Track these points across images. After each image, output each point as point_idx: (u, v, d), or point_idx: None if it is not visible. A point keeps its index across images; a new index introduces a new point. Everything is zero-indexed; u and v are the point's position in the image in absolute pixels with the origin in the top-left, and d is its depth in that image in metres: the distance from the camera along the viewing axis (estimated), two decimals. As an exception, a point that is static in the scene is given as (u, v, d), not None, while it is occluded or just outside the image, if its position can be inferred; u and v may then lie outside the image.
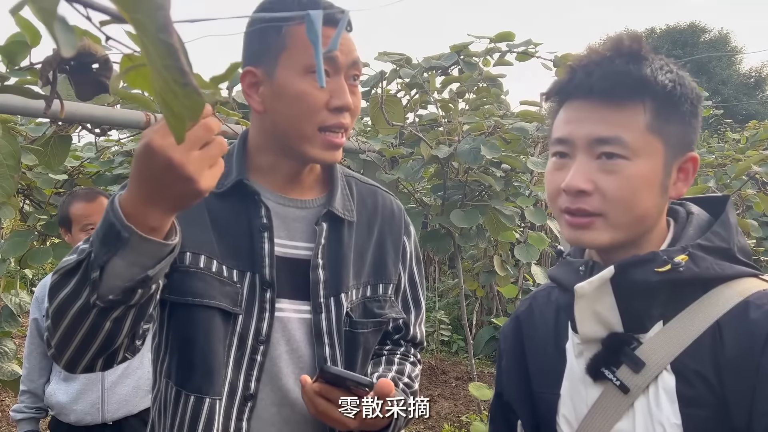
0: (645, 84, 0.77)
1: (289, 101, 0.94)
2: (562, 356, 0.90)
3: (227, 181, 0.99)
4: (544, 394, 0.91)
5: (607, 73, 0.78)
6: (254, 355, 0.96)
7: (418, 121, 2.85)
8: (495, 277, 3.27)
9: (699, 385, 0.76)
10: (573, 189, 0.79)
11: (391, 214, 1.14)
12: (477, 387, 2.45)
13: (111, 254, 0.75)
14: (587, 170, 0.78)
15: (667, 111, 0.78)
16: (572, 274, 0.85)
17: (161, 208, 0.74)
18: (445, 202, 2.74)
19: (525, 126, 2.49)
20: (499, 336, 1.06)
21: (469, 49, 2.95)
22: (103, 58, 1.02)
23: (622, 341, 0.81)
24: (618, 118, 0.78)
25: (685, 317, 0.78)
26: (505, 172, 2.84)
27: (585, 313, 0.81)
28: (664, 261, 0.77)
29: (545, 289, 1.00)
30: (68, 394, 2.04)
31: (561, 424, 0.88)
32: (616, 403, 0.80)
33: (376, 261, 1.09)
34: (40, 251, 2.66)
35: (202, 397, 0.95)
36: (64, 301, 0.79)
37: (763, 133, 5.17)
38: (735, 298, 0.77)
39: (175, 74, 0.48)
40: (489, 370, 5.71)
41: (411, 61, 2.90)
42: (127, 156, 2.75)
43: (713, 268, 0.78)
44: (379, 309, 1.07)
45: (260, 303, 0.97)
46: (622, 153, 0.77)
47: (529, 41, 3.05)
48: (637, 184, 0.77)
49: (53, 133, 1.91)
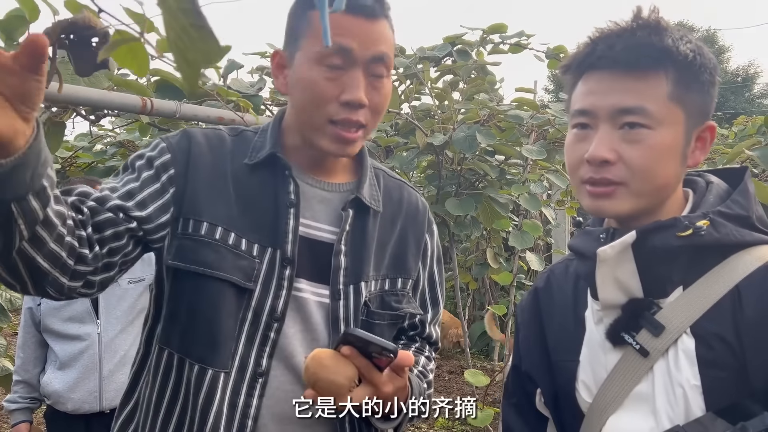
0: (667, 54, 0.79)
1: (302, 88, 0.93)
2: (581, 324, 0.91)
3: (261, 153, 0.98)
4: (564, 362, 0.92)
5: (630, 45, 0.79)
6: (268, 332, 0.95)
7: (412, 111, 2.86)
8: (488, 270, 3.29)
9: (719, 347, 0.77)
10: (597, 159, 0.79)
11: (415, 210, 1.12)
12: (473, 374, 2.47)
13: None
14: (610, 140, 0.79)
15: (687, 80, 0.80)
16: (593, 242, 0.86)
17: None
18: (440, 192, 2.75)
19: (520, 113, 2.50)
20: (516, 310, 1.07)
21: (463, 39, 2.96)
22: (102, 32, 1.01)
23: (642, 306, 0.82)
24: (641, 88, 0.79)
25: (705, 282, 0.80)
26: (500, 162, 2.85)
27: (606, 278, 0.82)
28: (685, 226, 0.78)
29: (563, 262, 1.01)
30: (65, 383, 2.03)
31: (580, 389, 0.88)
32: (635, 366, 0.81)
33: (396, 255, 1.07)
34: (32, 243, 2.64)
35: (206, 368, 0.93)
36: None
37: (751, 128, 5.23)
38: (755, 263, 0.78)
39: (192, 17, 0.48)
40: (482, 363, 5.73)
41: (405, 52, 2.91)
42: (120, 147, 2.74)
43: (733, 234, 0.79)
44: (396, 303, 1.05)
45: (278, 279, 0.95)
46: (645, 122, 0.78)
47: (522, 33, 3.07)
48: (659, 153, 0.79)
49: (47, 120, 1.89)
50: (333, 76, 0.91)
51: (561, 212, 3.94)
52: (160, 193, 0.94)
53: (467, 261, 3.78)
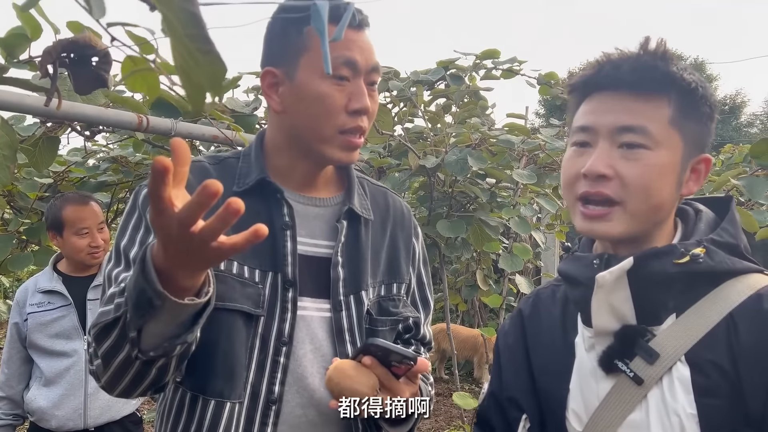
0: (671, 79, 0.80)
1: (309, 102, 0.94)
2: (571, 351, 0.90)
3: (248, 179, 0.99)
4: (553, 390, 0.90)
5: (636, 67, 0.81)
6: (277, 357, 0.94)
7: (405, 134, 2.89)
8: (478, 291, 3.30)
9: (714, 375, 0.76)
10: (594, 172, 0.80)
11: (402, 215, 1.14)
12: (461, 396, 2.46)
13: (145, 319, 0.74)
14: (609, 156, 0.80)
15: (688, 108, 0.81)
16: (585, 268, 0.85)
17: (190, 269, 0.73)
18: (431, 213, 2.77)
19: (511, 138, 2.54)
20: (498, 333, 1.06)
21: (456, 64, 3.01)
22: (102, 52, 1.03)
23: (636, 333, 0.81)
24: (644, 109, 0.80)
25: (699, 309, 0.80)
26: (490, 186, 2.88)
27: (602, 304, 0.82)
28: (682, 253, 0.79)
29: (549, 287, 1.01)
30: (50, 400, 2.01)
31: (570, 418, 0.87)
32: (629, 394, 0.81)
33: (389, 261, 1.09)
34: (20, 257, 2.62)
35: (223, 401, 0.92)
36: (108, 351, 0.81)
37: (738, 156, 5.32)
38: (747, 291, 0.79)
39: (199, 42, 0.49)
40: (469, 386, 5.71)
41: (399, 75, 2.95)
42: (112, 162, 2.74)
43: (726, 262, 0.80)
44: (394, 308, 1.07)
45: (282, 303, 0.96)
46: (644, 142, 0.79)
47: (514, 59, 3.12)
48: (656, 172, 0.80)
49: (42, 134, 1.90)
50: (340, 88, 0.94)
51: (551, 236, 3.97)
52: None
53: (457, 282, 3.79)
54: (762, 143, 2.31)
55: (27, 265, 2.62)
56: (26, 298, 2.12)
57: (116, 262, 0.94)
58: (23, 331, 2.08)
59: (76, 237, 2.06)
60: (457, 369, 3.24)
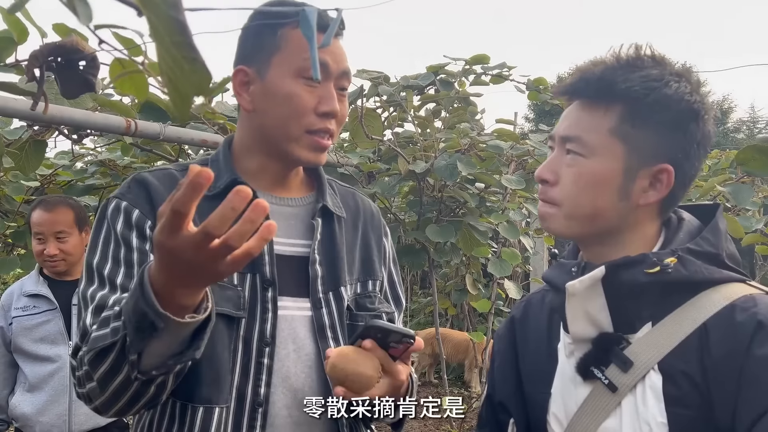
0: (618, 90, 0.80)
1: (279, 102, 0.95)
2: (554, 356, 0.91)
3: (219, 182, 0.98)
4: (536, 394, 0.92)
5: (586, 78, 0.83)
6: (261, 359, 0.94)
7: (395, 138, 2.89)
8: (467, 296, 3.31)
9: (685, 385, 0.77)
10: (538, 177, 0.87)
11: (371, 214, 1.16)
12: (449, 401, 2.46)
13: (147, 341, 0.74)
14: (555, 163, 0.86)
15: (635, 118, 0.80)
16: (564, 275, 0.87)
17: (195, 287, 0.73)
18: (420, 218, 2.78)
19: (500, 144, 2.55)
20: (494, 337, 1.08)
21: (446, 69, 3.02)
22: (90, 56, 1.02)
23: (611, 341, 0.82)
24: (585, 119, 0.83)
25: (674, 319, 0.80)
26: (479, 191, 2.89)
27: (576, 312, 0.83)
28: (653, 263, 0.79)
29: (540, 292, 1.02)
30: (34, 405, 1.98)
31: (551, 422, 0.89)
32: (604, 401, 0.81)
33: (363, 258, 1.10)
34: (6, 261, 2.60)
35: (212, 407, 0.91)
36: (105, 375, 0.80)
37: (724, 161, 5.36)
38: (722, 302, 0.78)
39: (185, 50, 0.49)
40: (459, 390, 5.71)
41: (389, 80, 2.95)
42: (101, 166, 2.72)
43: (701, 271, 0.80)
44: (371, 304, 1.07)
45: (262, 303, 0.95)
46: (579, 151, 0.83)
47: (504, 64, 3.13)
48: (588, 180, 0.82)
49: (29, 138, 1.89)
50: (310, 89, 0.95)
51: (539, 240, 3.98)
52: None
53: (446, 287, 3.79)
54: (748, 150, 2.33)
55: (13, 268, 2.59)
56: (11, 301, 2.10)
57: (89, 281, 0.92)
58: (8, 335, 2.06)
59: (35, 241, 2.05)
60: (446, 373, 3.23)
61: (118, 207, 0.96)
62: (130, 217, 0.94)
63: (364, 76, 2.85)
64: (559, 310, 0.88)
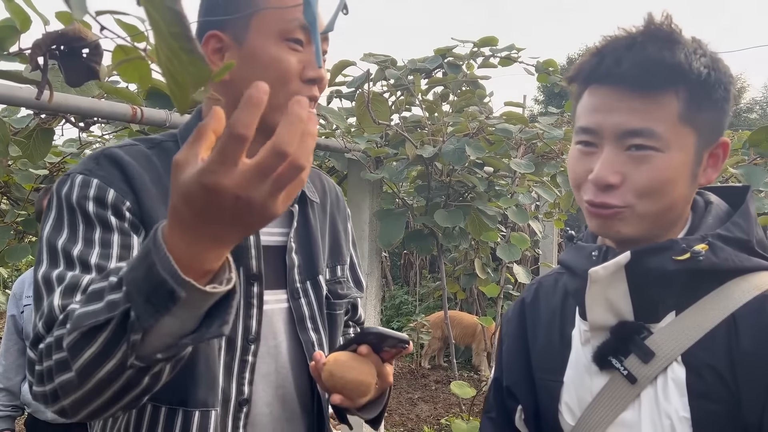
0: (679, 72, 0.73)
1: (262, 68, 0.86)
2: (567, 343, 0.87)
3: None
4: (547, 381, 0.88)
5: (638, 61, 0.73)
6: (245, 356, 0.89)
7: (402, 123, 2.87)
8: (476, 280, 3.31)
9: (711, 379, 0.73)
10: (602, 182, 0.75)
11: (336, 197, 1.11)
12: (459, 385, 2.47)
13: (161, 315, 0.60)
14: (616, 162, 0.75)
15: (700, 99, 0.74)
16: (584, 259, 0.82)
17: (226, 245, 0.61)
18: (429, 203, 2.76)
19: (509, 127, 2.52)
20: (502, 320, 1.04)
21: (453, 52, 2.98)
22: (93, 44, 1.02)
23: (632, 330, 0.78)
24: (649, 108, 0.73)
25: (700, 308, 0.76)
26: (488, 175, 2.87)
27: (597, 299, 0.78)
28: (683, 249, 0.74)
29: (552, 275, 0.97)
30: (47, 391, 2.01)
31: (563, 411, 0.85)
32: (622, 393, 0.78)
33: (332, 243, 1.06)
34: (18, 248, 2.62)
35: (208, 410, 0.86)
36: (91, 361, 0.65)
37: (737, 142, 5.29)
38: (752, 292, 0.74)
39: (182, 41, 0.49)
40: (468, 374, 5.74)
41: (396, 63, 2.92)
42: (108, 153, 2.72)
43: (732, 259, 0.75)
44: (341, 290, 1.04)
45: (246, 299, 0.90)
46: (653, 145, 0.73)
47: (512, 46, 3.09)
48: (668, 175, 0.74)
49: (36, 126, 1.89)
50: (294, 53, 0.87)
51: (549, 224, 3.97)
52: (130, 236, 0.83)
53: (455, 271, 3.79)
54: (761, 131, 2.29)
55: (24, 256, 2.61)
56: (23, 289, 2.12)
57: (53, 263, 0.78)
58: (20, 322, 2.08)
59: None
60: (455, 357, 3.24)
61: (87, 183, 0.84)
62: (104, 196, 0.83)
63: (371, 60, 2.82)
64: (576, 296, 0.84)
